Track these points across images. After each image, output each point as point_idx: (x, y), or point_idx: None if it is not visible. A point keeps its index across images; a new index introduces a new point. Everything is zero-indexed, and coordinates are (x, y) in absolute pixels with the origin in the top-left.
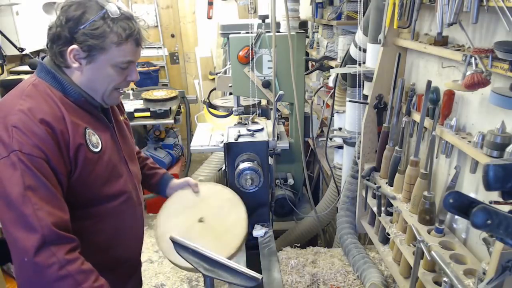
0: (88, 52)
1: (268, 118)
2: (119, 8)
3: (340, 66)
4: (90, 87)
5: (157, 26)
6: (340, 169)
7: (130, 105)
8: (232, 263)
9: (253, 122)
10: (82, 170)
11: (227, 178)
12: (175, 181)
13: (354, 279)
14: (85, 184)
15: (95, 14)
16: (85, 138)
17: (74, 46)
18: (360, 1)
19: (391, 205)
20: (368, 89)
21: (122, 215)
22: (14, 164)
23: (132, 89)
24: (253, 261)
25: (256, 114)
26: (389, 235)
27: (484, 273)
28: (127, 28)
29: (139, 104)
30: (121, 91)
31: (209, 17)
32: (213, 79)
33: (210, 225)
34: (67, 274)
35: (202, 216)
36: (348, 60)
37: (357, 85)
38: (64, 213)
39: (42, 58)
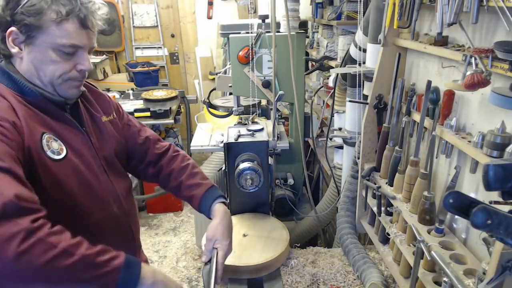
0: (27, 34)
1: (268, 118)
2: None
3: (340, 66)
4: (35, 75)
5: (157, 26)
6: (340, 169)
7: (130, 105)
8: None
9: (253, 122)
10: (44, 179)
11: (227, 178)
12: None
13: (354, 279)
14: (54, 195)
15: None
16: (41, 144)
17: (12, 29)
18: (360, 1)
19: (391, 205)
20: (368, 89)
21: (101, 230)
22: None
23: (132, 89)
24: None
25: (256, 114)
26: (389, 235)
27: (484, 273)
28: (67, 5)
29: (139, 104)
30: (76, 82)
31: (209, 17)
32: (213, 79)
33: (254, 236)
34: (37, 240)
35: (244, 232)
36: (348, 60)
37: (357, 85)
38: (27, 188)
39: None
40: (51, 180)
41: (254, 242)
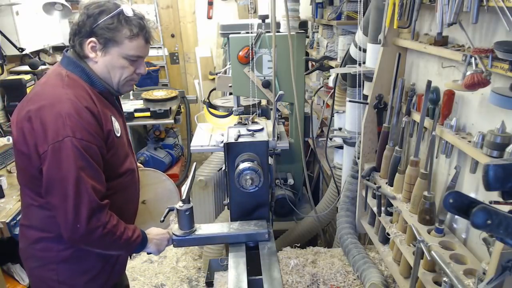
0: (104, 45)
1: (268, 118)
2: (133, 10)
3: (340, 66)
4: (106, 76)
5: (157, 26)
6: (340, 169)
7: (130, 105)
8: None
9: (253, 122)
10: (109, 152)
11: (227, 178)
12: None
13: (354, 279)
14: (110, 164)
15: (112, 12)
16: (112, 124)
17: (92, 39)
18: (360, 1)
19: (391, 205)
20: (368, 89)
21: (129, 189)
22: (68, 148)
23: (132, 89)
24: (253, 261)
25: (256, 114)
26: (389, 235)
27: (484, 273)
28: (138, 26)
29: (139, 104)
30: (133, 82)
31: (209, 17)
32: (213, 79)
33: (149, 209)
34: (108, 231)
35: (145, 199)
36: (348, 60)
37: (357, 85)
38: (104, 186)
39: (66, 51)
40: (114, 152)
41: (144, 213)
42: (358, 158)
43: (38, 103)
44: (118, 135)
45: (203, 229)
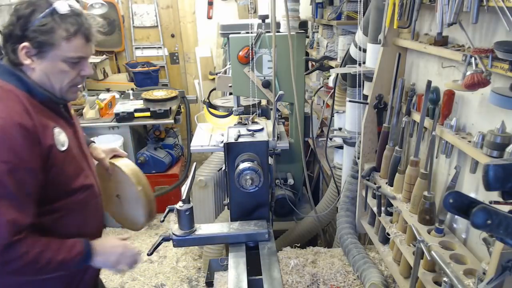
0: (39, 49)
1: (268, 118)
2: (69, 6)
3: (340, 66)
4: (46, 83)
5: (157, 26)
6: (340, 169)
7: (130, 105)
8: None
9: (253, 122)
10: (52, 169)
11: (227, 178)
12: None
13: (354, 279)
14: (55, 182)
15: (44, 11)
16: (54, 138)
17: (25, 44)
18: (360, 1)
19: (391, 205)
20: (368, 89)
21: (87, 207)
22: None
23: (132, 89)
24: (253, 261)
25: (256, 114)
26: (389, 235)
27: (484, 273)
28: (75, 24)
29: (139, 104)
30: (78, 87)
31: (209, 17)
32: (213, 79)
33: (123, 204)
34: (29, 262)
35: (119, 194)
36: (348, 60)
37: (357, 85)
38: (28, 215)
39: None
40: (58, 169)
41: (120, 206)
42: (358, 158)
43: None
44: (63, 149)
45: (203, 229)
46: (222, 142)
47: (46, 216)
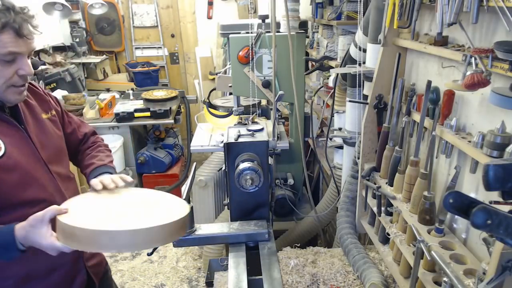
0: None
1: (268, 118)
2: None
3: (340, 66)
4: None
5: (157, 26)
6: (340, 169)
7: (130, 105)
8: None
9: (253, 122)
10: None
11: (227, 178)
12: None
13: (354, 279)
14: None
15: None
16: None
17: None
18: (360, 1)
19: (391, 205)
20: (368, 89)
21: None
22: None
23: (132, 89)
24: (253, 261)
25: (256, 114)
26: (389, 235)
27: (484, 273)
28: (2, 18)
29: (139, 104)
30: (21, 87)
31: (209, 17)
32: (213, 79)
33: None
34: None
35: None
36: (348, 60)
37: (357, 85)
38: None
39: None
40: None
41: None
42: (358, 158)
43: None
44: None
45: (203, 229)
46: (222, 142)
47: None
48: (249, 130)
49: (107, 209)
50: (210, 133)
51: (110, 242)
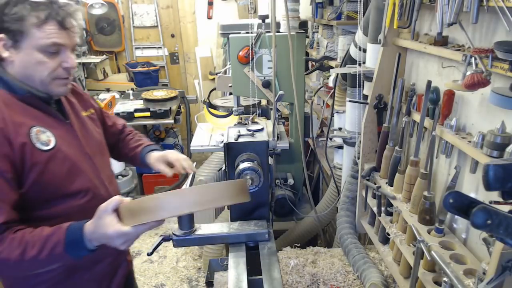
0: (13, 39)
1: (268, 118)
2: None
3: (340, 66)
4: (27, 77)
5: (157, 26)
6: (340, 169)
7: (130, 105)
8: None
9: (253, 122)
10: (34, 169)
11: (227, 178)
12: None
13: (354, 279)
14: (41, 184)
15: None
16: (29, 137)
17: (1, 35)
18: (360, 1)
19: (391, 205)
20: (368, 89)
21: (91, 212)
22: None
23: (132, 89)
24: (253, 261)
25: (256, 114)
26: (389, 235)
27: (484, 273)
28: (46, 9)
29: (139, 104)
30: (65, 79)
31: (209, 17)
32: (213, 79)
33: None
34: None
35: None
36: (348, 60)
37: (357, 85)
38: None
39: None
40: (41, 169)
41: None
42: (358, 158)
43: None
44: (46, 148)
45: (203, 229)
46: (222, 142)
47: (45, 222)
48: (249, 130)
49: None
50: (210, 133)
51: (181, 202)
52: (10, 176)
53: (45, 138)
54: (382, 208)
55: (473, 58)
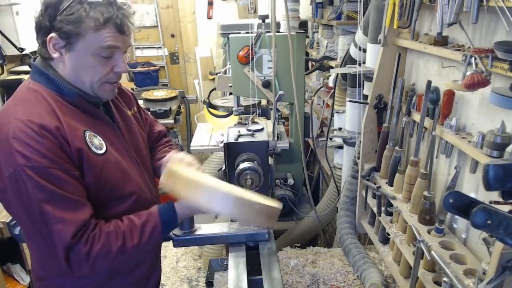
0: (66, 40)
1: (268, 118)
2: None
3: (340, 66)
4: (76, 79)
5: (157, 26)
6: (340, 169)
7: None
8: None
9: (253, 122)
10: (88, 174)
11: (227, 178)
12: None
13: (354, 279)
14: (95, 188)
15: None
16: (85, 141)
17: (53, 35)
18: (360, 1)
19: (391, 205)
20: (368, 89)
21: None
22: (23, 180)
23: (132, 89)
24: (253, 261)
25: (256, 114)
26: (389, 235)
27: (484, 273)
28: (105, 12)
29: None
30: (114, 84)
31: (209, 17)
32: (213, 79)
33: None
34: (97, 256)
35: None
36: (348, 60)
37: (357, 85)
38: (83, 213)
39: (34, 59)
40: (97, 173)
41: None
42: (358, 158)
43: None
44: (100, 152)
45: (203, 229)
46: (222, 142)
47: None
48: (249, 130)
49: None
50: (210, 133)
51: (222, 206)
52: (78, 173)
53: (97, 142)
54: (382, 208)
55: (473, 58)
